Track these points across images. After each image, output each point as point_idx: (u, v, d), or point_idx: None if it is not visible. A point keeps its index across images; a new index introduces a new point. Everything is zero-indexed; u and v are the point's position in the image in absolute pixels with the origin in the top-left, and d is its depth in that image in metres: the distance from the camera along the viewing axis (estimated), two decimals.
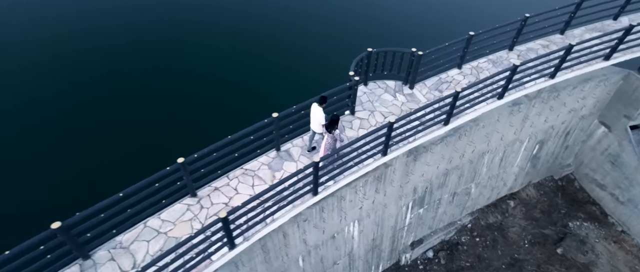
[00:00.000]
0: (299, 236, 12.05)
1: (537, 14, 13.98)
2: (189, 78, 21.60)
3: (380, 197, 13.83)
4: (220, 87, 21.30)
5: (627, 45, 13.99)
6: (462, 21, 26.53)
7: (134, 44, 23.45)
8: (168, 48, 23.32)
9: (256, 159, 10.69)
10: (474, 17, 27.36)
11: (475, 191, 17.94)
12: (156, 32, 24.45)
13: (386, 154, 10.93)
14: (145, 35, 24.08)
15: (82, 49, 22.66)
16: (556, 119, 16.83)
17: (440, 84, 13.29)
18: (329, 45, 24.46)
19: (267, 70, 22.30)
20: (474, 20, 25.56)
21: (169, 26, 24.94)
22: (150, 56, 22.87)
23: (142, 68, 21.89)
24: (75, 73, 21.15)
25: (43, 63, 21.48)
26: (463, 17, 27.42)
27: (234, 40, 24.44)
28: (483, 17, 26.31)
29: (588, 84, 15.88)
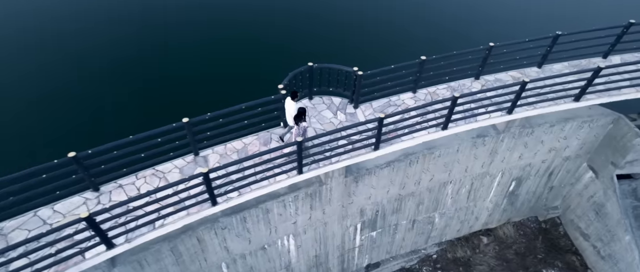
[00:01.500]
0: (218, 243, 11.99)
1: (510, 43, 13.01)
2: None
3: (318, 215, 13.45)
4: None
5: (605, 87, 12.64)
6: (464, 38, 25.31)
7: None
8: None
9: (171, 161, 10.72)
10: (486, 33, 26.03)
11: (440, 221, 17.01)
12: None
13: (301, 173, 10.57)
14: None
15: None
16: (533, 157, 15.57)
17: (387, 106, 12.68)
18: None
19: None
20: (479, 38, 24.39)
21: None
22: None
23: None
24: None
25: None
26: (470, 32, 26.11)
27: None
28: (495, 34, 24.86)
29: (569, 123, 14.56)
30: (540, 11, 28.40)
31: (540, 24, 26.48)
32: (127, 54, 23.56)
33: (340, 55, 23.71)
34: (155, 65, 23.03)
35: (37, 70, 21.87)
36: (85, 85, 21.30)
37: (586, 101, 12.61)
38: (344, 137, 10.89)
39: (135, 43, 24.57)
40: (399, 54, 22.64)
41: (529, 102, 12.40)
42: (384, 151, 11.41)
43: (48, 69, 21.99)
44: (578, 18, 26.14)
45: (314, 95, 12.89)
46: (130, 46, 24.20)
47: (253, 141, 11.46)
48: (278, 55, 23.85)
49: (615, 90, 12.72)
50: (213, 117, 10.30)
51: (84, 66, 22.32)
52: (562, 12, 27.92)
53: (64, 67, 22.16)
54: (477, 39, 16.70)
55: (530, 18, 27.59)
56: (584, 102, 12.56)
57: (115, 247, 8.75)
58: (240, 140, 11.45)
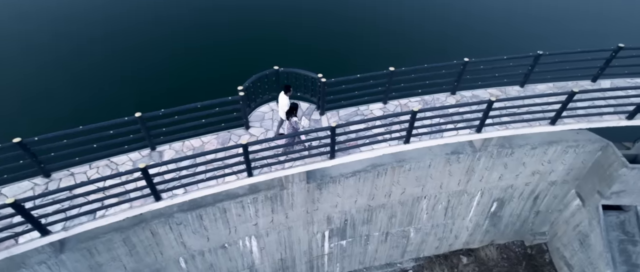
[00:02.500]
0: (174, 238, 12.12)
1: (490, 59, 12.53)
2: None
3: (281, 218, 13.39)
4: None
5: (586, 112, 11.95)
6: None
7: None
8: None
9: (127, 154, 10.91)
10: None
11: (416, 237, 16.58)
12: None
13: (251, 175, 10.53)
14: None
15: None
16: (515, 178, 14.93)
17: (354, 115, 12.45)
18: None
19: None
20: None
21: None
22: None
23: None
24: None
25: None
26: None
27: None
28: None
29: (552, 147, 13.87)
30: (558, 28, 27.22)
31: (556, 40, 25.44)
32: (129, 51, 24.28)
33: (356, 55, 23.81)
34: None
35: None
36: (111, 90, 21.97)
37: (563, 125, 11.96)
38: (300, 142, 10.81)
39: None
40: (411, 57, 22.44)
41: (502, 122, 11.89)
42: (340, 161, 11.22)
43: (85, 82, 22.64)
44: (586, 38, 24.90)
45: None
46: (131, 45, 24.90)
47: (211, 140, 11.52)
48: (294, 55, 24.00)
49: (596, 116, 12.00)
50: (168, 113, 10.42)
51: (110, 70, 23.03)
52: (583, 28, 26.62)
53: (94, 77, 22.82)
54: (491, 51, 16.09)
55: (544, 34, 26.50)
56: (560, 126, 11.92)
57: (50, 234, 8.97)
58: (199, 138, 11.53)
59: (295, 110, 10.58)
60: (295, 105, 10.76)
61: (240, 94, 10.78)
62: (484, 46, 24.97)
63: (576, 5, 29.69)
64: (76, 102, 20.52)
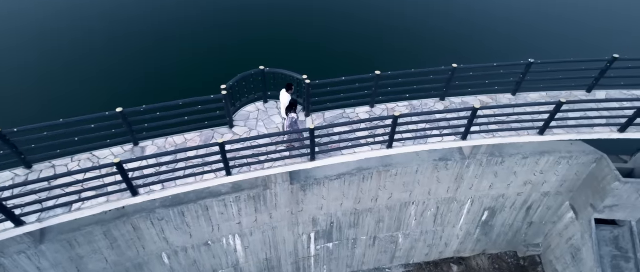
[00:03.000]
0: (156, 233, 12.20)
1: (479, 66, 12.31)
2: None
3: (265, 218, 13.37)
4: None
5: (577, 123, 11.65)
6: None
7: None
8: None
9: (109, 148, 11.02)
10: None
11: (405, 243, 16.40)
12: None
13: (230, 174, 10.53)
14: None
15: None
16: (507, 188, 14.64)
17: (340, 118, 12.37)
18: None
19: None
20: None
21: None
22: None
23: None
24: None
25: None
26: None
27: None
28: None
29: (545, 157, 13.56)
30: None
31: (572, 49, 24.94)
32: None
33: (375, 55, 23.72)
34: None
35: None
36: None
37: (553, 136, 11.67)
38: (280, 143, 10.77)
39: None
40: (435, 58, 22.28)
41: (489, 130, 11.66)
42: (321, 163, 11.14)
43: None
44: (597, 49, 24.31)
45: (270, 99, 12.83)
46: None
47: (194, 138, 11.55)
48: (311, 54, 24.10)
49: (587, 128, 11.68)
50: (149, 109, 10.50)
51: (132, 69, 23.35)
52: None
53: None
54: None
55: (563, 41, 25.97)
56: (549, 137, 11.63)
57: (23, 225, 9.10)
58: (182, 135, 11.58)
59: (295, 107, 10.65)
60: (295, 101, 10.88)
61: (223, 93, 10.79)
62: (499, 50, 24.65)
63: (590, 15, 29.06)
64: (91, 98, 20.89)
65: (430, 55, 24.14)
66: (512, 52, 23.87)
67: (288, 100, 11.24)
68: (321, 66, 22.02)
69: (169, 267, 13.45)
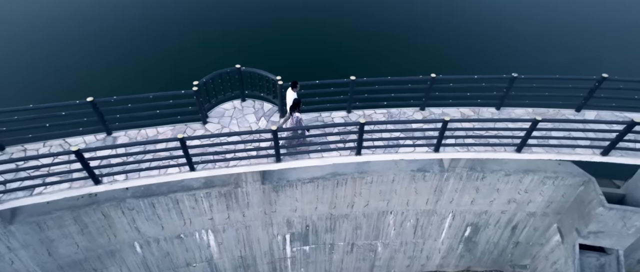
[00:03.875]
0: (127, 222, 12.40)
1: (460, 78, 11.94)
2: None
3: (238, 216, 13.41)
4: None
5: (558, 142, 11.13)
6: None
7: None
8: None
9: (83, 136, 11.28)
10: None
11: (385, 252, 16.11)
12: None
13: (193, 170, 10.59)
14: None
15: None
16: (490, 205, 14.16)
17: (315, 121, 12.25)
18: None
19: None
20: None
21: None
22: None
23: None
24: None
25: None
26: None
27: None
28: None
29: (529, 176, 13.04)
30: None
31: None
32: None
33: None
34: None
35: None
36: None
37: (531, 154, 11.20)
38: (246, 142, 10.76)
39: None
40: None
41: (464, 143, 11.31)
42: (287, 165, 11.07)
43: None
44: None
45: (248, 98, 12.84)
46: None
47: (166, 132, 11.69)
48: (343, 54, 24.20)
49: (568, 148, 11.15)
50: (120, 101, 10.70)
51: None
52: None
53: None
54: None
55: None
56: (526, 155, 11.17)
57: None
58: (155, 128, 11.74)
59: (298, 106, 10.54)
60: (298, 101, 10.67)
61: (194, 89, 10.86)
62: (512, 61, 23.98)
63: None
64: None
65: (452, 58, 23.72)
66: (535, 63, 23.18)
67: (292, 98, 11.06)
68: (351, 66, 22.09)
69: (141, 256, 13.66)
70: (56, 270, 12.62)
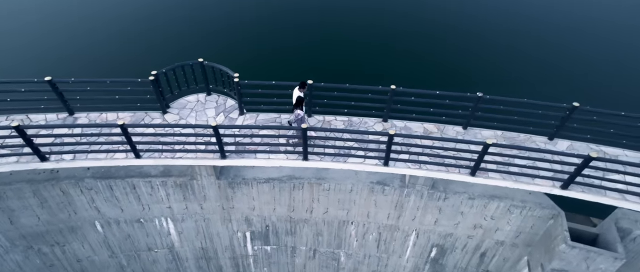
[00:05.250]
0: (86, 201, 12.80)
1: (425, 92, 11.46)
2: None
3: (196, 208, 13.54)
4: None
5: (520, 170, 10.45)
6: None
7: None
8: None
9: (45, 113, 11.74)
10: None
11: (348, 262, 15.77)
12: None
13: (139, 157, 10.77)
14: None
15: None
16: (455, 227, 13.53)
17: (272, 121, 12.15)
18: None
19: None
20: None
21: None
22: None
23: None
24: None
25: None
26: None
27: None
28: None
29: (494, 202, 12.34)
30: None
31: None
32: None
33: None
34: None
35: None
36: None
37: (487, 179, 10.60)
38: (198, 135, 10.81)
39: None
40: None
41: (418, 160, 10.86)
42: (232, 162, 11.04)
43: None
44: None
45: (213, 92, 12.93)
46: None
47: (126, 117, 11.97)
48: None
49: (528, 177, 10.45)
50: (78, 82, 11.05)
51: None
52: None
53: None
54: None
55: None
56: (481, 180, 10.58)
57: None
58: (116, 113, 12.05)
59: (300, 104, 10.79)
60: (301, 99, 10.87)
61: (151, 78, 11.06)
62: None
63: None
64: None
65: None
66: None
67: (296, 96, 11.21)
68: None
69: (103, 235, 14.07)
70: (19, 239, 13.25)
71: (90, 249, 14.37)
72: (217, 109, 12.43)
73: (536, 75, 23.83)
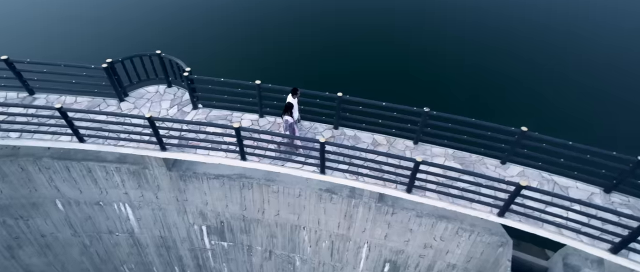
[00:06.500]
0: (45, 180, 13.27)
1: (373, 103, 11.13)
2: None
3: (151, 197, 13.77)
4: None
5: (459, 193, 10.01)
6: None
7: None
8: None
9: (6, 91, 12.25)
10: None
11: (303, 268, 15.61)
12: None
13: (82, 141, 11.05)
14: None
15: None
16: (405, 244, 13.12)
17: (224, 118, 12.17)
18: None
19: None
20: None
21: None
22: None
23: None
24: None
25: None
26: None
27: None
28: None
29: (442, 223, 11.88)
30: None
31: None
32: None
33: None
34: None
35: None
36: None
37: (425, 198, 10.22)
38: (145, 126, 10.98)
39: None
40: None
41: (353, 171, 10.60)
42: (172, 155, 11.17)
43: None
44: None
45: (175, 85, 13.10)
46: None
47: (83, 101, 12.32)
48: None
49: (466, 200, 9.99)
50: (35, 62, 11.45)
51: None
52: None
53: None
54: None
55: None
56: (417, 197, 10.21)
57: None
58: (74, 97, 12.42)
59: (289, 110, 10.66)
60: (290, 105, 10.72)
61: (104, 66, 11.32)
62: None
63: None
64: None
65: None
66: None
67: (287, 101, 11.04)
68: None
69: (64, 214, 14.53)
70: None
71: (53, 226, 14.88)
72: (172, 102, 12.59)
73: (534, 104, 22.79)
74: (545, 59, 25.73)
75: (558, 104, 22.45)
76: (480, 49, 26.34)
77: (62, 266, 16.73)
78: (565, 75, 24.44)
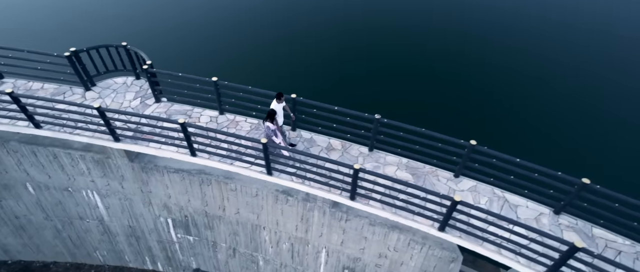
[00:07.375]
0: (14, 162, 13.63)
1: (325, 106, 11.01)
2: None
3: (117, 186, 13.96)
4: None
5: (403, 205, 9.75)
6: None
7: None
8: None
9: None
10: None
11: (266, 268, 15.56)
12: None
13: (39, 128, 11.28)
14: None
15: None
16: (361, 252, 12.88)
17: (184, 112, 12.23)
18: None
19: None
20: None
21: None
22: None
23: None
24: None
25: None
26: None
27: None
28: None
29: (394, 233, 11.57)
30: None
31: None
32: None
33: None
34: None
35: None
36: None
37: (366, 206, 10.06)
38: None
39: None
40: None
41: (305, 176, 10.49)
42: (125, 146, 11.30)
43: None
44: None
45: (143, 77, 13.25)
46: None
47: (50, 88, 12.59)
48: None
49: (408, 212, 9.72)
50: (5, 47, 11.76)
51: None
52: None
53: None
54: None
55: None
56: (361, 205, 10.06)
57: None
58: (41, 83, 12.70)
59: (271, 117, 10.32)
60: (273, 112, 10.38)
61: (66, 54, 11.54)
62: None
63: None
64: None
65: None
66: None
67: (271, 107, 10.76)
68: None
69: (35, 198, 14.90)
70: None
71: (25, 208, 15.28)
72: (137, 94, 12.74)
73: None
74: (545, 63, 24.96)
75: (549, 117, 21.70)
76: (483, 50, 25.79)
77: (37, 248, 17.18)
78: (554, 86, 23.64)
